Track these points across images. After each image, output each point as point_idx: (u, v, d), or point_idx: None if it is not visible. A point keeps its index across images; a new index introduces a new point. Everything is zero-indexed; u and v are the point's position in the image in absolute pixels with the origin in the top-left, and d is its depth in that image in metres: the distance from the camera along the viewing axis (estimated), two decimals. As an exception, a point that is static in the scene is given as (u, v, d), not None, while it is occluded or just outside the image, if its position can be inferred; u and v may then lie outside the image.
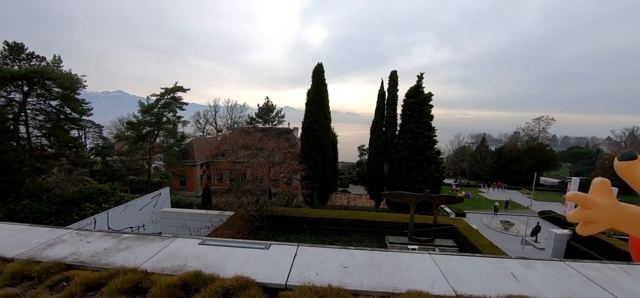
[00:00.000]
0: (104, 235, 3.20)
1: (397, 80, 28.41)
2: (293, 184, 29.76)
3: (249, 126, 29.49)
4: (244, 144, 17.80)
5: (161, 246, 2.88)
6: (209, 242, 2.99)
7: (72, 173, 27.29)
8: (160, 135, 29.50)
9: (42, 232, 3.31)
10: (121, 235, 3.20)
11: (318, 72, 27.03)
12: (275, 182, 15.72)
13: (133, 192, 29.84)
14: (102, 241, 3.04)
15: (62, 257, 2.72)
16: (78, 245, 2.94)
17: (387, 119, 28.31)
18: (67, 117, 25.06)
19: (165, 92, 28.16)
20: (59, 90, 23.66)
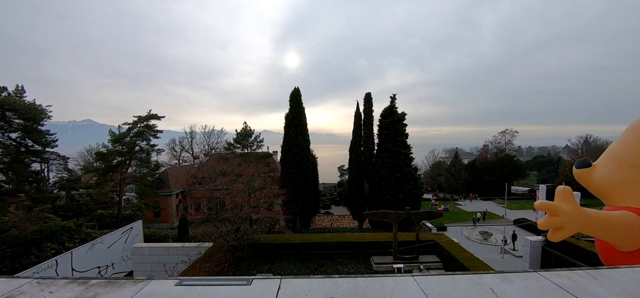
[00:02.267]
0: (69, 283, 2.94)
1: (372, 101, 29.43)
2: (274, 209, 29.12)
3: (227, 152, 28.92)
4: (222, 170, 17.36)
5: (133, 291, 2.69)
6: (186, 282, 2.84)
7: (31, 211, 25.06)
8: (133, 165, 28.12)
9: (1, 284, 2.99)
10: (89, 282, 2.96)
11: (295, 96, 27.42)
12: (255, 208, 15.33)
13: (101, 228, 27.81)
14: (67, 290, 2.79)
15: (19, 312, 2.46)
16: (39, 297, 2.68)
17: (365, 139, 28.97)
18: (29, 149, 23.38)
19: (139, 120, 27.16)
20: (20, 122, 22.14)
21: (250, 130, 28.74)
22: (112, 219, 29.80)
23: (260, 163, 22.54)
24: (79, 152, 51.11)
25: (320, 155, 45.15)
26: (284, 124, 27.03)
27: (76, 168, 46.50)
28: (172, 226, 32.54)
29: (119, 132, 27.39)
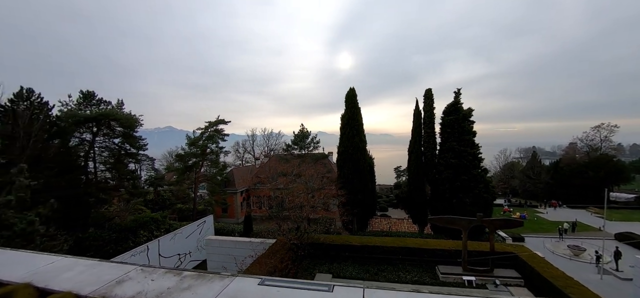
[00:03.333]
0: (166, 273, 3.24)
1: (433, 98, 27.49)
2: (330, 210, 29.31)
3: (285, 153, 30.25)
4: (282, 171, 18.11)
5: (221, 286, 2.81)
6: (268, 282, 2.85)
7: (129, 203, 29.80)
8: (205, 166, 31.34)
9: (111, 267, 3.46)
10: (182, 273, 3.21)
11: (351, 96, 27.18)
12: (314, 208, 15.55)
13: (180, 220, 31.62)
14: (165, 279, 3.06)
15: (130, 295, 2.77)
16: (144, 283, 3.00)
17: (426, 139, 27.16)
18: (127, 152, 27.81)
19: (209, 126, 30.18)
20: (121, 129, 26.49)
21: (307, 132, 29.53)
22: (189, 212, 33.65)
23: (318, 164, 22.92)
24: (163, 154, 59.17)
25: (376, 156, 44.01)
26: (339, 125, 27.02)
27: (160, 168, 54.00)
28: (237, 221, 35.30)
29: (194, 136, 30.81)
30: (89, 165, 26.23)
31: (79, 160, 24.33)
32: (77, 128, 24.39)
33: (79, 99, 26.80)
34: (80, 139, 25.96)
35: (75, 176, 22.88)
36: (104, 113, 25.07)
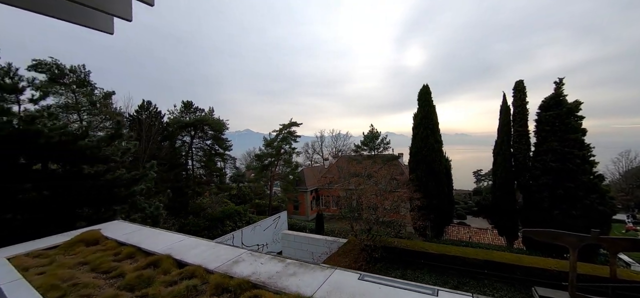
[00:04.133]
0: (272, 259, 3.62)
1: (524, 91, 23.81)
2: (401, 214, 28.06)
3: (354, 153, 30.36)
4: (354, 171, 18.17)
5: (324, 276, 3.00)
6: (368, 278, 2.92)
7: (217, 196, 34.22)
8: (279, 165, 33.77)
9: (226, 249, 4.06)
10: (286, 261, 3.54)
11: (424, 94, 25.64)
12: (387, 211, 15.15)
13: (258, 214, 34.76)
14: (272, 264, 3.43)
15: (246, 275, 3.19)
16: (255, 265, 3.42)
17: (516, 138, 23.65)
18: (216, 152, 31.97)
19: (283, 128, 32.42)
20: (211, 132, 30.64)
21: (377, 132, 29.01)
22: (265, 207, 36.73)
23: (389, 166, 22.32)
24: (242, 154, 65.98)
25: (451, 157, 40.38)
26: (411, 124, 25.76)
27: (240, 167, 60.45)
28: (307, 219, 36.92)
29: (270, 138, 33.50)
30: (188, 162, 31.08)
31: (181, 158, 29.09)
32: (180, 132, 29.18)
33: (181, 108, 32.01)
34: (182, 140, 31.00)
35: (179, 171, 27.44)
36: (200, 119, 29.40)
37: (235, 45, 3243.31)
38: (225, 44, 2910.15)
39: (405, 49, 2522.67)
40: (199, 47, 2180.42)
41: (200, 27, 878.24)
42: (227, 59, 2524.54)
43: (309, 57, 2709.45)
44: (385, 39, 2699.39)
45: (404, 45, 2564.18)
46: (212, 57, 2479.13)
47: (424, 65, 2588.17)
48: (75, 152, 6.83)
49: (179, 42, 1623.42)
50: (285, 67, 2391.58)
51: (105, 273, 3.87)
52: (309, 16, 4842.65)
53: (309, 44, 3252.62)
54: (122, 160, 8.90)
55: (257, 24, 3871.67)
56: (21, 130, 6.01)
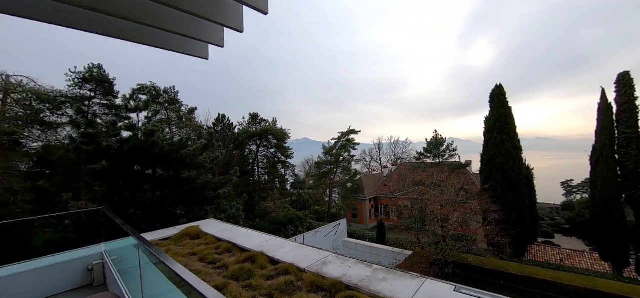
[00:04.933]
0: (358, 263, 3.76)
1: (632, 85, 19.73)
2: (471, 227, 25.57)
3: (417, 161, 28.92)
4: (419, 180, 17.34)
5: (415, 284, 3.00)
6: (464, 290, 2.82)
7: (279, 201, 36.18)
8: (338, 173, 34.16)
9: (312, 251, 4.35)
10: (373, 266, 3.63)
11: (498, 95, 23.21)
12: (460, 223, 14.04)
13: (317, 220, 35.59)
14: (360, 268, 3.56)
15: (337, 276, 3.38)
16: (343, 268, 3.60)
17: (623, 142, 19.63)
18: (279, 160, 33.96)
19: (342, 135, 32.82)
20: (275, 141, 32.71)
21: (442, 138, 27.16)
22: (324, 214, 37.40)
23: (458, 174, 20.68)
24: (301, 162, 68.62)
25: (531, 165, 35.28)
26: (481, 128, 23.53)
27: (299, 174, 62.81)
28: (366, 227, 36.33)
29: (328, 146, 34.22)
30: (255, 169, 33.66)
31: (249, 165, 31.68)
32: (248, 141, 31.86)
33: (249, 119, 34.99)
34: (249, 149, 33.78)
35: (248, 178, 29.90)
36: (265, 129, 31.70)
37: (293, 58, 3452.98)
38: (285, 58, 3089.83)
39: (468, 47, 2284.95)
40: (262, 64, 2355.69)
41: (263, 46, 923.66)
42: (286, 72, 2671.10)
43: (364, 63, 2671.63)
44: (444, 37, 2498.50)
45: (467, 42, 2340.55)
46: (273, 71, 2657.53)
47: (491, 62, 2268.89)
48: (178, 160, 8.22)
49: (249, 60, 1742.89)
50: (341, 75, 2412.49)
51: (211, 264, 4.50)
52: (361, 23, 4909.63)
53: (363, 51, 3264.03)
54: (211, 167, 10.26)
55: (312, 37, 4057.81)
56: (143, 142, 7.51)
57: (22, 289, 4.50)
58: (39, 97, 19.48)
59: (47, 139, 20.48)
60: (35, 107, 19.95)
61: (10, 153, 18.61)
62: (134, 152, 7.37)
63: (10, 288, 4.28)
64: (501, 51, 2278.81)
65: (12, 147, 19.30)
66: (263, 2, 3.48)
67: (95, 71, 20.95)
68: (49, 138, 20.54)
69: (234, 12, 3.68)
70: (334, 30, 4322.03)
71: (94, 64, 21.05)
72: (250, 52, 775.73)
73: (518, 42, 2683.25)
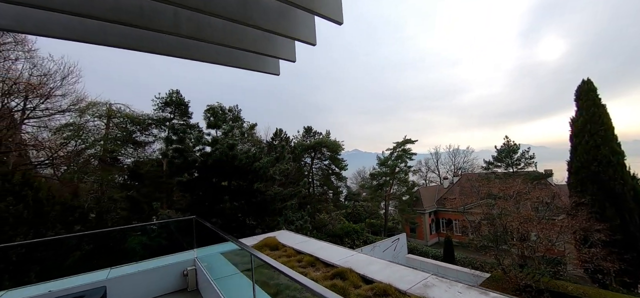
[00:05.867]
0: (469, 288, 3.29)
1: None
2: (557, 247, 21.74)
3: (485, 171, 26.09)
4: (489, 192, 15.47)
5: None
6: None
7: (333, 214, 36.00)
8: (394, 184, 32.77)
9: (406, 270, 3.99)
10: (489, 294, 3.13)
11: (586, 91, 19.89)
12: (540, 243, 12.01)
13: (372, 234, 34.39)
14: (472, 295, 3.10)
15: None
16: (451, 293, 3.17)
17: None
18: (333, 172, 34.02)
19: (397, 146, 31.56)
20: (328, 154, 32.93)
21: (515, 145, 24.08)
22: (379, 228, 36.03)
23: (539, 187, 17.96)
24: (353, 173, 67.90)
25: (637, 175, 28.96)
26: (569, 132, 20.27)
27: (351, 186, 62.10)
28: (426, 243, 33.85)
29: (383, 156, 33.17)
30: (309, 182, 34.23)
31: (303, 178, 32.33)
32: (303, 154, 32.64)
33: (303, 133, 35.96)
34: (304, 161, 34.58)
35: (303, 190, 30.47)
36: (318, 141, 32.18)
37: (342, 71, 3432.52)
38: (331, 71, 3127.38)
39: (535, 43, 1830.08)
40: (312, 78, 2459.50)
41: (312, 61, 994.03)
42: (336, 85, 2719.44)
43: (416, 71, 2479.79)
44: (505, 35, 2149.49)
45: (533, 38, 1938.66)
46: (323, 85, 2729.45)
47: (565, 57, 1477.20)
48: (252, 172, 8.72)
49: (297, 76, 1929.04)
50: (392, 84, 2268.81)
51: (297, 278, 4.42)
52: (410, 29, 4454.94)
53: (414, 58, 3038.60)
54: (280, 179, 10.66)
55: (360, 48, 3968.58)
56: (224, 155, 8.18)
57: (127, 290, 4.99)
58: (132, 120, 22.94)
59: (138, 155, 23.91)
60: (128, 129, 23.55)
61: (111, 168, 22.08)
62: (216, 165, 8.02)
63: (117, 289, 4.77)
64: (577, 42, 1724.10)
65: (112, 163, 22.96)
66: (337, 12, 3.38)
67: (174, 96, 23.95)
68: (139, 155, 23.97)
69: (307, 26, 3.66)
70: (382, 39, 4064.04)
71: (173, 89, 24.10)
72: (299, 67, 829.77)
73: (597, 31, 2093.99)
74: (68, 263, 13.01)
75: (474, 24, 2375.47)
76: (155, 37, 3.68)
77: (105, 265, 5.33)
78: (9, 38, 16.18)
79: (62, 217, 14.47)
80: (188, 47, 3.95)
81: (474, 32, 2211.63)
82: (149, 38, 3.56)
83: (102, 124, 22.04)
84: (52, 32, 3.22)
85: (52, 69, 17.02)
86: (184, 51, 3.97)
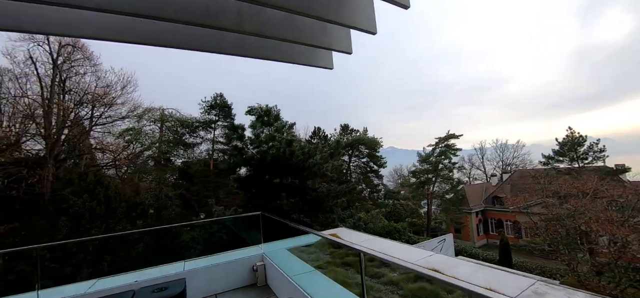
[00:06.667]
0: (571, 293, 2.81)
1: None
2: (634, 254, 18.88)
3: (545, 166, 23.59)
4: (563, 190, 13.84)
5: None
6: None
7: (374, 212, 35.25)
8: (438, 182, 31.18)
9: (503, 274, 3.58)
10: None
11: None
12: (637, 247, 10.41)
13: (414, 233, 33.06)
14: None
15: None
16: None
17: None
18: (371, 169, 33.33)
19: (440, 141, 29.95)
20: (366, 151, 32.32)
21: (581, 137, 21.40)
22: (420, 228, 34.56)
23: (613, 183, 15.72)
24: (389, 171, 66.15)
25: None
26: None
27: (387, 184, 60.48)
28: (474, 245, 31.74)
29: (424, 153, 31.70)
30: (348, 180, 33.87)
31: (343, 176, 32.07)
32: (342, 151, 32.40)
33: (340, 131, 35.72)
34: (341, 160, 34.32)
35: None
36: (356, 138, 31.72)
37: (375, 68, 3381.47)
38: (367, 70, 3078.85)
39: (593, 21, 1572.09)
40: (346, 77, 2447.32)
41: (346, 61, 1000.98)
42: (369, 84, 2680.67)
43: (454, 63, 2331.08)
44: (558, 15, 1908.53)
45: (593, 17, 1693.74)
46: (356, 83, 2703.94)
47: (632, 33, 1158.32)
48: (305, 169, 8.74)
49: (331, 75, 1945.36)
50: (428, 78, 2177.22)
51: (374, 278, 4.19)
52: (441, 25, 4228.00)
53: (452, 49, 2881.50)
54: (332, 176, 10.57)
55: (394, 43, 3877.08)
56: (282, 151, 8.31)
57: (201, 283, 5.14)
58: (182, 123, 24.54)
59: (187, 156, 25.53)
60: (179, 132, 25.23)
61: (165, 168, 23.85)
62: (273, 162, 8.16)
63: (192, 281, 4.92)
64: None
65: (165, 164, 24.79)
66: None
67: (218, 99, 25.13)
68: (188, 155, 25.58)
69: (365, 14, 3.41)
70: (416, 32, 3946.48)
71: (217, 93, 25.32)
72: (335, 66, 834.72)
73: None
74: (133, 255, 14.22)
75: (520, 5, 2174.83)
76: (219, 37, 3.73)
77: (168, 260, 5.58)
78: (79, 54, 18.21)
79: (127, 212, 15.84)
80: (249, 46, 3.96)
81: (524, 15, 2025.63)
82: (215, 38, 3.61)
83: (156, 127, 23.87)
84: (128, 38, 3.36)
85: (113, 80, 18.79)
86: (246, 50, 3.97)
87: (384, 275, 4.18)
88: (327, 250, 5.69)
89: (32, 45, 15.55)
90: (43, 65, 16.38)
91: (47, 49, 16.15)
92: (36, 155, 16.40)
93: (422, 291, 3.36)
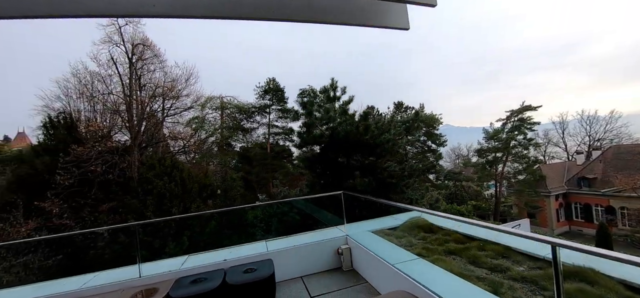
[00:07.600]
0: None
1: None
2: None
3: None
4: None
5: None
6: None
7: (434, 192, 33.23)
8: (509, 161, 27.86)
9: None
10: None
11: None
12: None
13: (479, 217, 30.38)
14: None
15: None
16: None
17: None
18: (428, 148, 31.19)
19: (512, 114, 26.41)
20: (424, 128, 30.19)
21: None
22: (486, 211, 31.59)
23: None
24: (446, 151, 61.63)
25: None
26: None
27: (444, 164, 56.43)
28: (553, 232, 27.98)
29: (492, 129, 28.38)
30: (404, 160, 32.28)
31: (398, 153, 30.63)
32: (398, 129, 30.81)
33: (394, 109, 33.89)
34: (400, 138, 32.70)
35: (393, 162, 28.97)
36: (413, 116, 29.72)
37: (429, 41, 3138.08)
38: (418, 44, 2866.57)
39: None
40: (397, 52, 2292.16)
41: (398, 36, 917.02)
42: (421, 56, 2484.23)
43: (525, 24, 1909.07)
44: None
45: None
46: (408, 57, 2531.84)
47: None
48: (377, 146, 8.23)
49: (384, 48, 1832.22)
50: (490, 45, 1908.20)
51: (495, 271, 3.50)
52: None
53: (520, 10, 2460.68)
54: (405, 153, 9.86)
55: (451, 7, 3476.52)
56: (355, 126, 7.90)
57: (288, 264, 4.99)
58: (240, 109, 25.70)
59: (246, 140, 26.85)
60: (237, 118, 26.54)
61: (227, 152, 25.44)
62: (345, 138, 7.81)
63: (278, 262, 4.77)
64: None
65: (227, 148, 26.45)
66: None
67: (271, 84, 25.60)
68: (247, 140, 26.89)
69: None
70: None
71: (270, 78, 25.78)
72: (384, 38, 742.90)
73: None
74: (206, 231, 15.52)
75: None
76: (283, 4, 3.29)
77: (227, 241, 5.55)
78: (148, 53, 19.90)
79: (199, 192, 17.26)
80: (315, 10, 3.46)
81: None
82: (277, 5, 3.17)
83: (217, 115, 25.41)
84: (196, 13, 3.12)
85: (178, 74, 20.20)
86: (312, 15, 3.48)
87: (506, 267, 3.46)
88: (419, 235, 5.11)
89: (112, 47, 17.34)
90: (121, 66, 18.28)
91: (123, 49, 17.90)
92: (124, 144, 18.67)
93: (581, 293, 2.60)
